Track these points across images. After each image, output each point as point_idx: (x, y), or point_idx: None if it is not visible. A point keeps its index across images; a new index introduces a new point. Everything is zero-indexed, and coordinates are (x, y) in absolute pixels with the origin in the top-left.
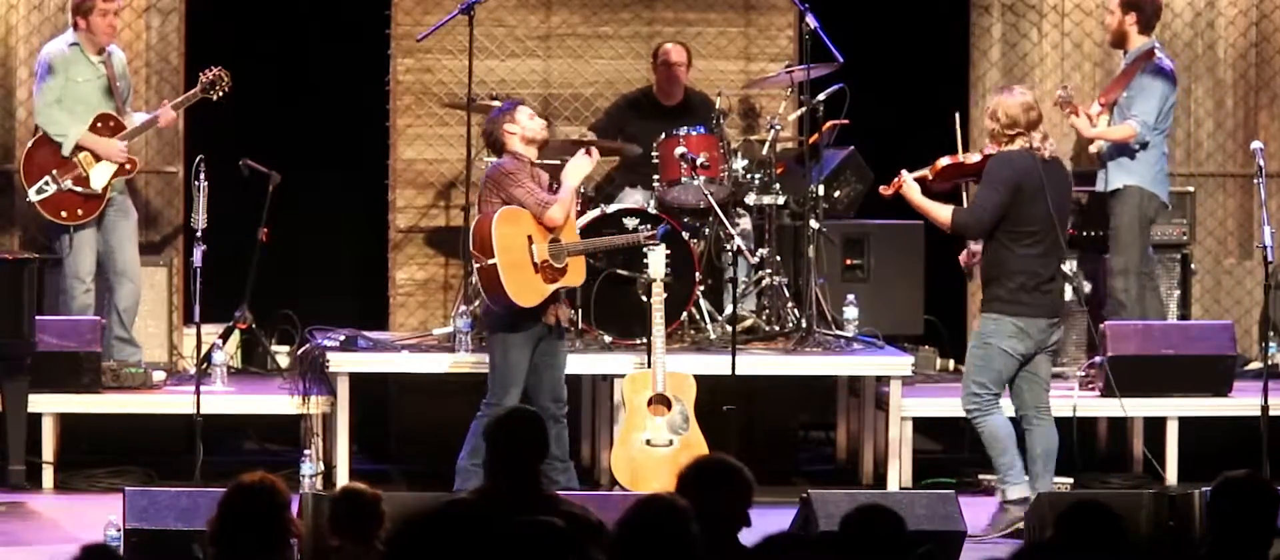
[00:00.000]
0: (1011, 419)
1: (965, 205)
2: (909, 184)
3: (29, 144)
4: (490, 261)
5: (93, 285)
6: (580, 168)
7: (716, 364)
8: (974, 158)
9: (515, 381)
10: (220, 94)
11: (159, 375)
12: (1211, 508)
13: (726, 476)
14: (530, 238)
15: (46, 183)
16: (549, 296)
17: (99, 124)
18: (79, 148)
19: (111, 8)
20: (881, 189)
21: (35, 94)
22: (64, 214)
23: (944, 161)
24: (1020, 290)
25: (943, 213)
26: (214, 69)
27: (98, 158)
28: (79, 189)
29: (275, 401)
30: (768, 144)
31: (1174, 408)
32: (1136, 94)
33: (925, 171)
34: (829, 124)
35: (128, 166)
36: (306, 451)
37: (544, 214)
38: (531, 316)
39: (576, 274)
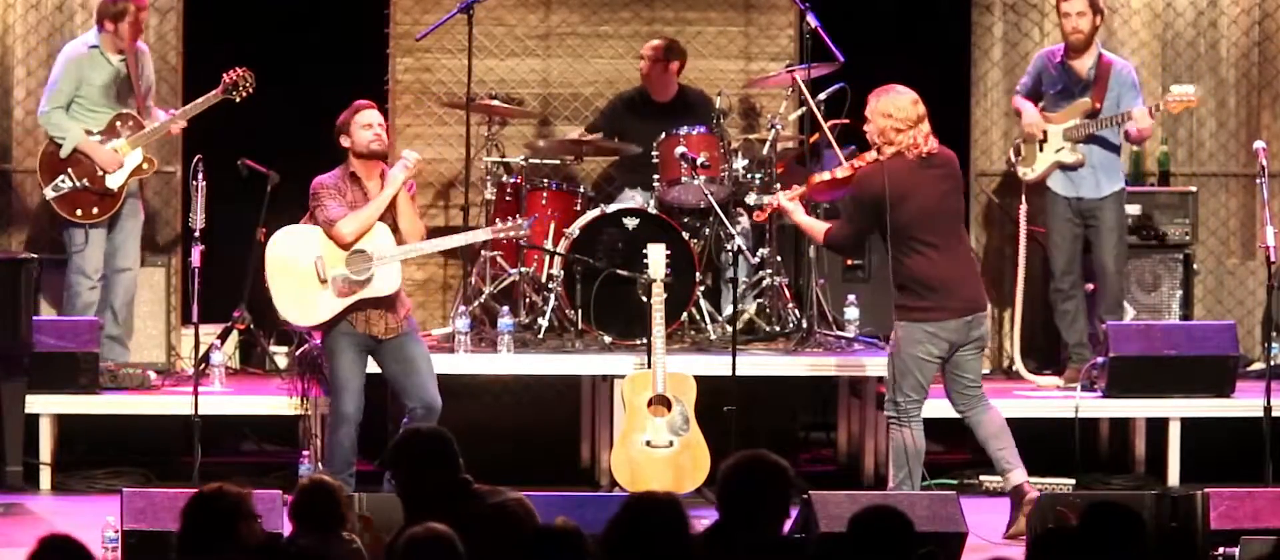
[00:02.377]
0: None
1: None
2: (786, 203)
3: (45, 142)
4: (267, 285)
5: (99, 283)
6: (394, 179)
7: (717, 364)
8: (842, 173)
9: (344, 387)
10: (243, 95)
11: (151, 376)
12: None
13: (774, 473)
14: (320, 255)
15: (62, 180)
16: (352, 307)
17: (117, 123)
18: (76, 151)
19: (142, 17)
20: (755, 215)
21: (45, 91)
22: (79, 212)
23: (818, 178)
24: (922, 294)
25: (818, 230)
26: (238, 70)
27: (99, 166)
28: (95, 188)
29: (273, 402)
30: (768, 143)
31: (1176, 408)
32: (1124, 92)
33: (802, 188)
34: (830, 123)
35: (145, 166)
36: (305, 452)
37: (331, 232)
38: (347, 324)
39: (383, 283)
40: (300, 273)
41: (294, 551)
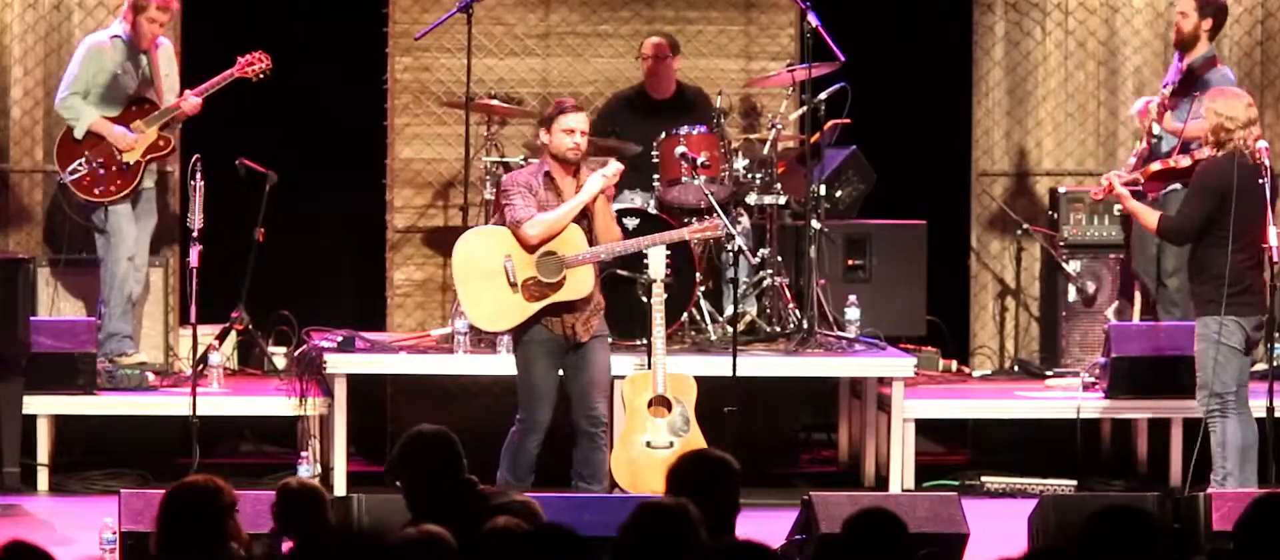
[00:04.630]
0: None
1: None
2: (1120, 187)
3: (61, 132)
4: (454, 286)
5: (142, 266)
6: (589, 187)
7: (717, 365)
8: (1184, 162)
9: (539, 396)
10: (259, 76)
11: (149, 376)
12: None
13: (720, 469)
14: (509, 256)
15: (79, 164)
16: (544, 311)
17: (134, 108)
18: (91, 133)
19: (160, 17)
20: (1092, 193)
21: (64, 79)
22: (98, 190)
23: (1155, 166)
24: (1240, 289)
25: (1150, 218)
26: (255, 53)
27: (115, 146)
28: (112, 166)
29: (272, 403)
30: (769, 143)
31: (1179, 409)
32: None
33: (1137, 175)
34: (830, 123)
35: (161, 144)
36: (304, 453)
37: (517, 233)
38: (543, 329)
39: (575, 287)
40: (490, 276)
41: None
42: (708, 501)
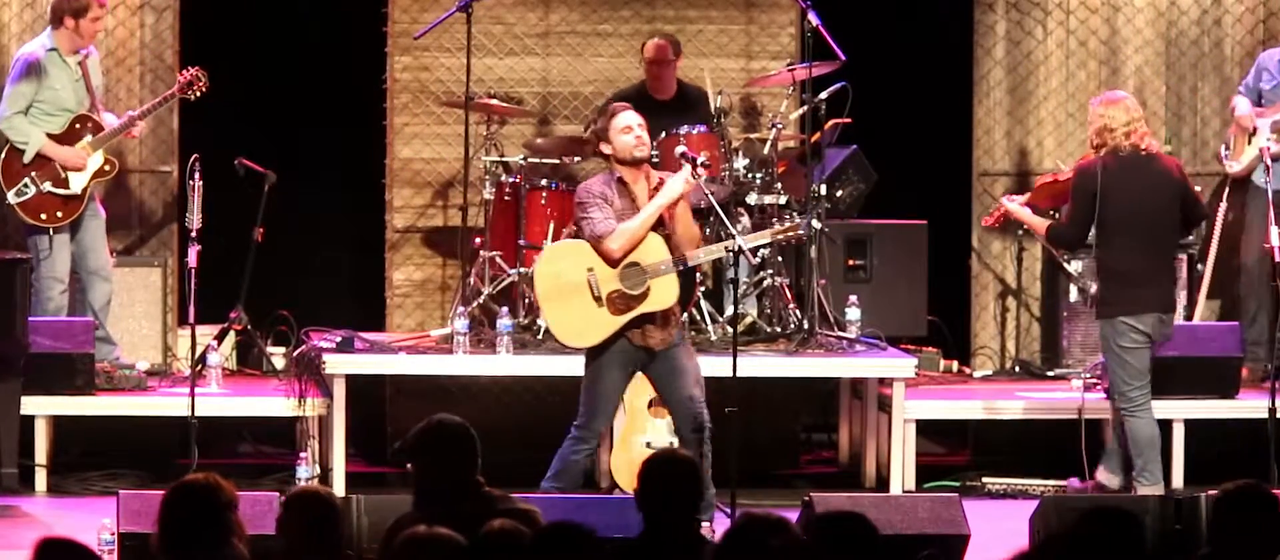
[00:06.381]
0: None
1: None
2: (1016, 209)
3: (6, 147)
4: (538, 307)
5: (68, 286)
6: (671, 190)
7: (717, 365)
8: (1065, 174)
9: (600, 410)
10: (198, 94)
11: (143, 365)
12: (1213, 518)
13: (685, 470)
14: (591, 269)
15: (26, 185)
16: (629, 324)
17: (77, 125)
18: (40, 156)
19: (102, 15)
20: (984, 221)
21: (3, 96)
22: (44, 216)
23: (1042, 181)
24: (1122, 289)
25: (1041, 225)
26: (191, 69)
27: (65, 166)
28: (59, 191)
29: (271, 404)
30: (769, 143)
31: (1180, 410)
32: None
33: (1027, 194)
34: (831, 123)
35: (107, 167)
36: (302, 454)
37: (599, 247)
38: (625, 340)
39: (660, 297)
40: (574, 291)
41: None
42: (679, 501)
